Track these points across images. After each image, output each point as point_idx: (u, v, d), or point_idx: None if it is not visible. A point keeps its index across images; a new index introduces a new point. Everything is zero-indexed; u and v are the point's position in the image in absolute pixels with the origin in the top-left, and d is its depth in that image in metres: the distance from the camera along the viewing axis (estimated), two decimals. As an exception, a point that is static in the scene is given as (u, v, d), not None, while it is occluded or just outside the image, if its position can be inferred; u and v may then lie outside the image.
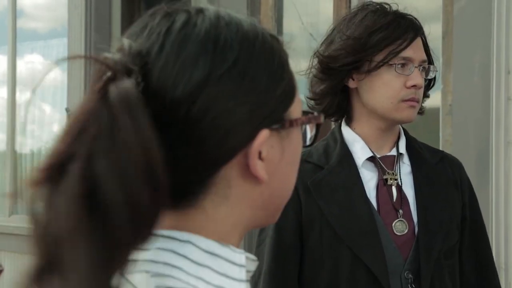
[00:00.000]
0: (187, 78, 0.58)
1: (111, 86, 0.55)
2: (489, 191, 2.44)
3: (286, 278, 1.39)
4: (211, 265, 0.59)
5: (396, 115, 1.40)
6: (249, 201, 0.62)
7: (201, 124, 0.58)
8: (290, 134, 0.64)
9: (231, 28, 0.61)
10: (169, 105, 0.58)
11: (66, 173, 0.53)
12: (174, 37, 0.60)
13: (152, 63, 0.59)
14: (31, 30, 5.16)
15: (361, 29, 1.37)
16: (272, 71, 0.62)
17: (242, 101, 0.59)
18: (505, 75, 2.45)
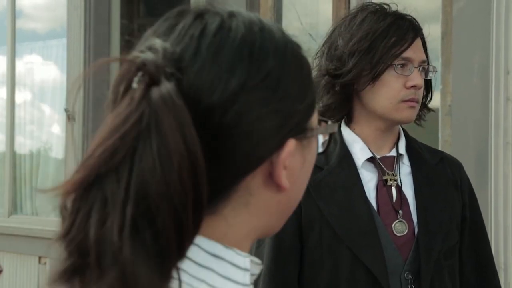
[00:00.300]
0: (223, 84, 0.57)
1: (153, 90, 0.54)
2: (488, 192, 2.44)
3: (285, 279, 1.39)
4: (214, 267, 0.59)
5: (396, 116, 1.40)
6: (267, 209, 0.62)
7: (232, 132, 0.58)
8: (311, 143, 0.64)
9: (265, 35, 0.61)
10: (202, 111, 0.57)
11: (110, 180, 0.53)
12: (209, 41, 0.59)
13: (186, 66, 0.57)
14: (30, 30, 5.15)
15: (362, 34, 1.37)
16: (301, 80, 0.62)
17: (274, 110, 0.59)
18: (504, 75, 2.46)
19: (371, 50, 1.37)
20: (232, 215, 0.61)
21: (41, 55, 4.97)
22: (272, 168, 0.60)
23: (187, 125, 0.54)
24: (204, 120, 0.57)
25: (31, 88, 5.02)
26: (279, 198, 0.62)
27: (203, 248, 0.59)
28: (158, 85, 0.54)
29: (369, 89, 1.39)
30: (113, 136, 0.53)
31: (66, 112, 4.38)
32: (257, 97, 0.58)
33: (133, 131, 0.53)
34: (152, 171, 0.52)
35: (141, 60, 0.56)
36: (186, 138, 0.54)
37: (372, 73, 1.37)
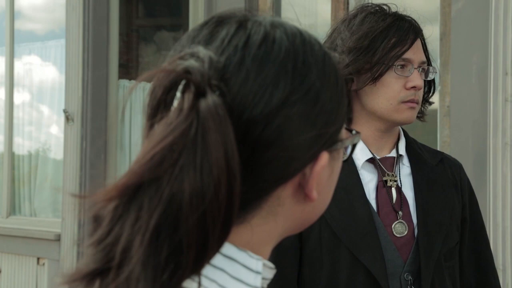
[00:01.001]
0: (267, 97, 0.57)
1: (201, 101, 0.54)
2: (487, 192, 2.45)
3: (285, 279, 1.39)
4: (226, 268, 0.59)
5: (396, 117, 1.40)
6: (291, 217, 0.63)
7: (272, 145, 0.57)
8: (338, 154, 0.64)
9: (307, 48, 0.61)
10: (244, 124, 0.56)
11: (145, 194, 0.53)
12: (254, 52, 0.58)
13: (230, 77, 0.57)
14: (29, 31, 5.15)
15: (362, 34, 1.37)
16: (337, 93, 0.62)
17: (312, 124, 0.59)
18: (502, 76, 2.46)
19: (371, 50, 1.37)
20: (260, 224, 0.61)
21: (40, 56, 4.96)
22: (305, 180, 0.60)
23: (230, 141, 0.54)
24: (245, 133, 0.57)
25: (30, 89, 5.02)
26: (304, 208, 0.62)
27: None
28: (205, 97, 0.54)
29: (369, 90, 1.39)
30: (160, 145, 0.53)
31: (65, 113, 4.38)
32: (298, 111, 0.58)
33: (180, 142, 0.53)
34: (191, 183, 0.52)
35: (183, 68, 0.55)
36: (228, 153, 0.54)
37: (372, 73, 1.37)
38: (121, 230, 0.53)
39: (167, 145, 0.53)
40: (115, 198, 0.53)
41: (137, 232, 0.52)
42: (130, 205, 0.53)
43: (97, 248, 0.53)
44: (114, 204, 0.54)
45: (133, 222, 0.53)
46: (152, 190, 0.53)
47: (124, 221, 0.53)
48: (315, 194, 0.61)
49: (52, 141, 4.90)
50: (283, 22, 0.62)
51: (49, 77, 4.95)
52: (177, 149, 0.53)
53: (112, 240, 0.53)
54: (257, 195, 0.59)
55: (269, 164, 0.58)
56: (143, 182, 0.53)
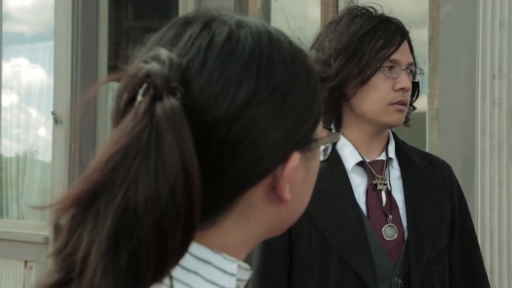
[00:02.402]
0: (230, 98, 0.56)
1: (157, 105, 0.53)
2: (475, 194, 2.46)
3: (274, 283, 1.39)
4: (200, 271, 0.58)
5: (385, 119, 1.40)
6: (266, 220, 0.62)
7: (238, 146, 0.56)
8: (314, 154, 0.63)
9: (273, 47, 0.59)
10: (208, 125, 0.55)
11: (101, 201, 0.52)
12: (217, 52, 0.57)
13: (192, 79, 0.56)
14: (17, 33, 5.12)
15: (349, 36, 1.37)
16: (308, 93, 0.61)
17: (280, 124, 0.58)
18: (490, 79, 2.47)
19: (359, 53, 1.37)
20: (231, 226, 0.60)
21: (28, 58, 4.94)
22: (276, 181, 0.59)
23: (186, 143, 0.53)
24: (208, 135, 0.56)
25: (18, 91, 4.99)
26: (278, 210, 0.61)
27: (190, 253, 0.58)
28: (163, 100, 0.53)
29: (358, 93, 1.39)
30: (114, 150, 0.52)
31: (53, 115, 4.36)
32: (265, 110, 0.57)
33: (134, 146, 0.52)
34: (145, 187, 0.52)
35: (145, 71, 0.54)
36: (184, 156, 0.53)
37: (360, 77, 1.37)
38: (79, 239, 0.52)
39: (120, 150, 0.52)
40: (71, 207, 0.53)
41: (94, 240, 0.51)
42: (87, 213, 0.52)
43: (58, 258, 0.53)
44: (71, 212, 0.53)
45: (91, 230, 0.52)
46: (108, 196, 0.52)
47: (82, 230, 0.52)
48: (288, 195, 0.60)
49: (40, 143, 4.87)
50: (250, 21, 0.61)
51: (38, 79, 4.93)
52: (131, 154, 0.52)
53: (71, 250, 0.52)
54: (227, 198, 0.58)
55: (238, 166, 0.57)
56: (98, 189, 0.52)
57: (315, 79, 0.62)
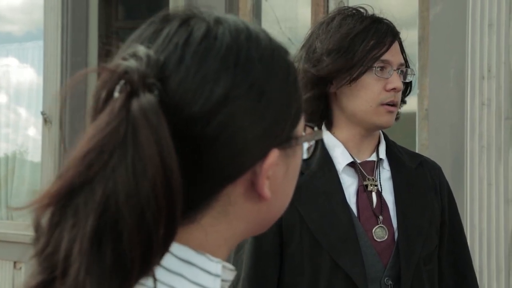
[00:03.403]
0: (207, 94, 0.56)
1: (133, 101, 0.53)
2: (464, 195, 2.47)
3: (265, 284, 1.39)
4: (184, 273, 0.58)
5: (375, 120, 1.40)
6: (246, 218, 0.62)
7: (215, 142, 0.57)
8: (295, 151, 0.63)
9: (251, 44, 0.60)
10: (185, 120, 0.56)
11: (79, 197, 0.52)
12: (194, 49, 0.57)
13: (169, 75, 0.56)
14: (6, 32, 5.09)
15: (340, 36, 1.38)
16: (287, 90, 0.61)
17: (258, 120, 0.58)
18: (479, 80, 2.49)
19: (350, 51, 1.37)
20: (211, 224, 0.60)
21: (17, 57, 4.91)
22: (255, 178, 0.59)
23: (164, 139, 0.53)
24: (185, 130, 0.56)
25: (7, 91, 4.96)
26: (259, 207, 0.61)
27: (174, 254, 0.58)
28: (139, 96, 0.54)
29: (349, 93, 1.40)
30: (89, 146, 0.52)
31: (43, 115, 4.34)
32: (242, 106, 0.57)
33: (110, 143, 0.52)
34: (124, 184, 0.51)
35: (123, 68, 0.55)
36: (162, 152, 0.53)
37: (350, 74, 1.37)
38: (60, 238, 0.52)
39: (96, 146, 0.52)
40: (49, 205, 0.52)
41: (75, 239, 0.51)
42: (66, 211, 0.52)
43: (40, 258, 0.52)
44: (50, 211, 0.52)
45: (71, 228, 0.51)
46: (86, 193, 0.52)
47: (62, 228, 0.52)
48: (267, 193, 0.60)
49: (30, 143, 4.84)
50: (230, 19, 0.61)
51: (27, 79, 4.90)
52: (107, 150, 0.52)
53: (52, 249, 0.52)
54: (206, 194, 0.59)
55: (216, 162, 0.57)
56: (75, 186, 0.52)
57: (295, 76, 0.62)
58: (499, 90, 2.45)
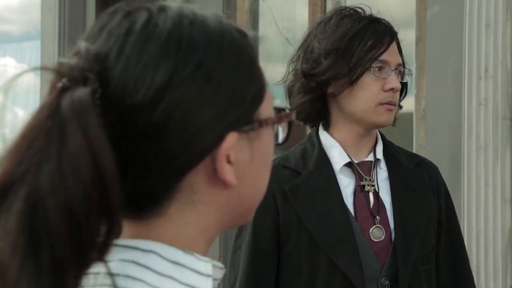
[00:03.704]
0: (148, 81, 0.56)
1: (64, 96, 0.53)
2: (461, 195, 2.47)
3: (262, 284, 1.39)
4: (175, 275, 0.57)
5: (375, 119, 1.40)
6: (216, 206, 0.60)
7: (164, 130, 0.56)
8: (260, 135, 0.61)
9: (195, 28, 0.58)
10: (129, 111, 0.55)
11: (10, 194, 0.51)
12: (134, 38, 0.57)
13: (111, 66, 0.56)
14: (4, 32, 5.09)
15: (338, 36, 1.38)
16: (240, 72, 0.59)
17: (208, 104, 0.57)
18: (476, 80, 2.49)
19: (348, 53, 1.37)
20: (179, 215, 0.59)
21: (15, 57, 4.91)
22: (214, 163, 0.58)
23: (94, 130, 0.52)
24: (131, 120, 0.55)
25: (4, 91, 4.95)
26: (228, 194, 0.60)
27: (162, 256, 0.57)
28: (72, 90, 0.53)
29: (347, 93, 1.40)
30: (21, 142, 0.52)
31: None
32: (188, 92, 0.56)
33: (39, 137, 0.52)
34: (49, 176, 0.51)
35: (63, 66, 0.55)
36: (91, 143, 0.52)
37: (349, 76, 1.37)
38: None
39: (26, 141, 0.52)
40: None
41: (6, 236, 0.50)
42: (0, 208, 0.52)
43: None
44: None
45: (3, 226, 0.51)
46: (17, 189, 0.51)
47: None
48: (230, 178, 0.58)
49: (27, 143, 4.84)
50: (175, 6, 0.60)
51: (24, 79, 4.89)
52: (36, 144, 0.52)
53: None
54: (166, 184, 0.58)
55: (168, 150, 0.56)
56: (7, 182, 0.51)
57: (251, 58, 0.61)
58: (496, 90, 2.46)
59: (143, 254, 0.57)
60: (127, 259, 0.57)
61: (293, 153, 1.45)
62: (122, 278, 0.56)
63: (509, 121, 2.46)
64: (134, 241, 0.58)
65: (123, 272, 0.56)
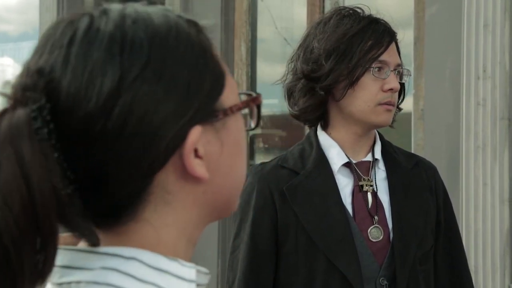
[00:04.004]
0: (98, 88, 0.55)
1: (3, 119, 0.53)
2: (459, 195, 2.48)
3: (260, 285, 1.39)
4: (157, 281, 0.56)
5: (374, 119, 1.40)
6: (193, 203, 0.59)
7: (123, 134, 0.55)
8: (227, 124, 0.60)
9: (138, 26, 0.57)
10: (84, 120, 0.54)
11: None
12: (77, 46, 0.56)
13: (58, 79, 0.55)
14: (2, 32, 5.08)
15: (338, 36, 1.38)
16: (192, 64, 0.58)
17: (163, 102, 0.56)
18: (475, 80, 2.49)
19: (348, 54, 1.37)
20: (156, 217, 0.58)
21: (13, 57, 4.90)
22: (183, 160, 0.57)
23: (27, 155, 0.52)
24: (86, 130, 0.54)
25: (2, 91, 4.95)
26: (203, 189, 0.59)
27: (144, 262, 0.57)
28: (12, 112, 0.53)
29: (347, 94, 1.40)
30: None
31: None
32: (139, 93, 0.55)
33: None
34: None
35: (9, 86, 0.55)
36: (24, 169, 0.51)
37: (350, 78, 1.37)
38: None
39: None
40: None
41: None
42: None
43: None
44: None
45: None
46: None
47: None
48: (201, 172, 0.58)
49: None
50: (117, 7, 0.59)
51: None
52: None
53: None
54: (136, 188, 0.57)
55: (131, 154, 0.55)
56: None
57: (203, 48, 0.59)
58: (494, 90, 2.46)
59: (125, 261, 0.56)
60: (108, 267, 0.56)
61: (292, 153, 1.45)
62: (103, 286, 0.55)
63: (507, 121, 2.46)
64: (116, 248, 0.57)
65: (104, 280, 0.56)
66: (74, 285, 0.55)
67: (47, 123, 0.54)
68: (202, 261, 4.15)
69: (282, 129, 3.59)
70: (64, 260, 0.58)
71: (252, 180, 1.41)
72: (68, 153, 0.55)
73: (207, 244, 3.27)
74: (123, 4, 0.60)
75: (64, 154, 0.55)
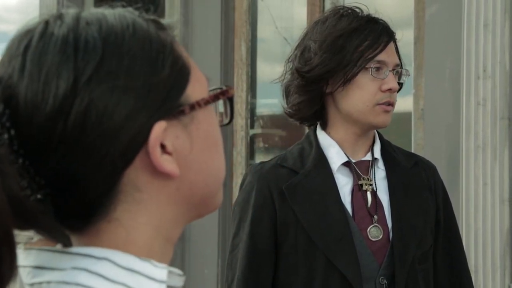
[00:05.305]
0: (54, 90, 0.55)
1: None
2: (459, 194, 2.48)
3: (260, 284, 1.39)
4: (127, 282, 0.56)
5: (372, 120, 1.40)
6: (167, 200, 0.59)
7: (84, 134, 0.55)
8: (196, 119, 0.59)
9: (92, 27, 0.57)
10: (44, 124, 0.55)
11: None
12: (32, 51, 0.57)
13: (15, 85, 0.56)
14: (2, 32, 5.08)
15: (334, 35, 1.38)
16: (150, 59, 0.58)
17: (122, 99, 0.56)
18: (475, 80, 2.49)
19: (342, 49, 1.37)
20: (128, 217, 0.58)
21: (13, 57, 4.91)
22: (150, 157, 0.57)
23: None
24: (49, 132, 0.55)
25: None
26: (176, 186, 0.59)
27: (115, 263, 0.56)
28: None
29: (345, 93, 1.40)
30: None
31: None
32: (97, 91, 0.55)
33: None
34: None
35: None
36: None
37: (343, 73, 1.37)
38: None
39: None
40: None
41: None
42: None
43: None
44: None
45: None
46: None
47: None
48: (171, 169, 0.57)
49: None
50: (72, 11, 0.60)
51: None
52: None
53: None
54: (104, 188, 0.56)
55: (95, 153, 0.55)
56: None
57: (161, 44, 0.59)
58: (494, 90, 2.46)
59: (97, 262, 0.56)
60: (79, 267, 0.56)
61: (291, 153, 1.45)
62: (72, 286, 0.55)
63: (507, 121, 2.46)
64: (88, 248, 0.57)
65: (73, 280, 0.56)
66: (45, 285, 0.55)
67: (7, 129, 0.55)
68: (202, 260, 4.14)
69: (282, 129, 3.59)
70: (37, 260, 0.58)
71: (251, 179, 1.41)
72: (34, 158, 0.55)
73: (207, 243, 3.27)
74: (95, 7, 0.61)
75: (30, 159, 0.55)
